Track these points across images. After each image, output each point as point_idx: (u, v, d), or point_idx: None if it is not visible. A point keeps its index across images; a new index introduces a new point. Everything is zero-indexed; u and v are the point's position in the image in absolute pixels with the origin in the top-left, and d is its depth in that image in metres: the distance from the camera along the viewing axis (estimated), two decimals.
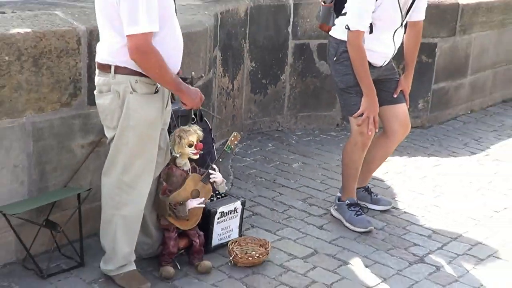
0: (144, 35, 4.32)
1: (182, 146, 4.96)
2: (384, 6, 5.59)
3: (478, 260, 5.62)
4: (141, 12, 4.28)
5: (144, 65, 4.43)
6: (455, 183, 7.21)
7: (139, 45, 4.33)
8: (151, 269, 5.05)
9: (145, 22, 4.30)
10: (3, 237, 4.90)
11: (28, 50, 4.76)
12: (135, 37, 4.32)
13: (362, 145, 5.93)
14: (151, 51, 4.38)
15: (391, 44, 5.83)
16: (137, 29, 4.30)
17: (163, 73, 4.47)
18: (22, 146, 4.88)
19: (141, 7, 4.28)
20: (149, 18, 4.31)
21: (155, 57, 4.40)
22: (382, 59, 5.86)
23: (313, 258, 5.47)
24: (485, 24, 9.73)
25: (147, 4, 4.29)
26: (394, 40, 5.83)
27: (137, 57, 4.37)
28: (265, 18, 7.99)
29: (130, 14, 4.29)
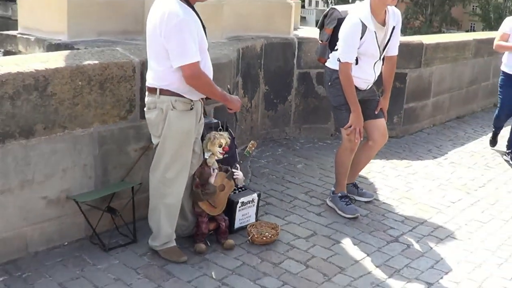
0: (195, 64, 4.33)
1: (213, 145, 4.92)
2: (366, 44, 5.55)
3: (439, 240, 5.54)
4: (189, 46, 4.29)
5: (198, 87, 4.46)
6: (422, 180, 7.09)
7: (193, 73, 4.36)
8: (188, 246, 4.96)
9: (194, 53, 4.31)
10: (75, 219, 4.85)
11: (96, 77, 4.74)
12: (189, 66, 4.32)
13: (350, 150, 5.86)
14: (202, 74, 4.41)
15: (372, 73, 5.77)
16: (189, 59, 4.31)
17: (213, 90, 4.54)
18: (90, 149, 4.84)
19: (189, 42, 4.28)
20: (195, 50, 4.30)
21: (205, 79, 4.45)
22: (365, 84, 5.79)
23: (313, 238, 5.38)
24: (443, 59, 9.62)
25: (192, 39, 4.28)
26: (374, 70, 5.77)
27: (192, 82, 4.39)
28: (276, 52, 7.88)
29: (181, 49, 4.30)
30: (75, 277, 4.41)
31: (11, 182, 4.40)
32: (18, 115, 4.32)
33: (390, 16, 5.67)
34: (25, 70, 4.34)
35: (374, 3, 5.54)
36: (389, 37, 5.72)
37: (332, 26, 5.90)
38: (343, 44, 5.57)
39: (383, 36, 5.66)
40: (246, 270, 4.72)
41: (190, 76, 4.36)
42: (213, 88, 4.55)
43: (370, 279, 4.74)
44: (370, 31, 5.52)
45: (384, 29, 5.65)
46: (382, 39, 5.67)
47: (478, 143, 9.03)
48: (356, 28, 5.49)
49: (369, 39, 5.55)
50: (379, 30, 5.60)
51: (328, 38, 5.96)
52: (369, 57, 5.68)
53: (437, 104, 9.79)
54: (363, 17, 5.51)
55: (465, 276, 4.89)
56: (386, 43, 5.73)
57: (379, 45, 5.64)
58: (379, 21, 5.60)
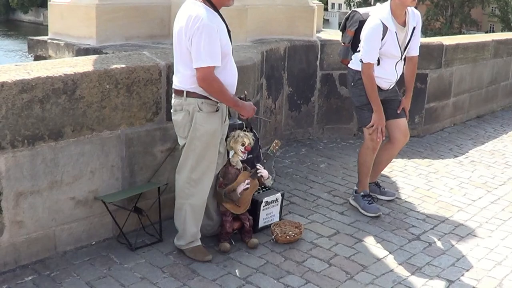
0: (207, 68, 4.29)
1: (236, 142, 4.85)
2: (388, 44, 5.51)
3: (460, 237, 5.44)
4: (206, 50, 4.25)
5: (209, 90, 4.40)
6: (443, 179, 6.97)
7: (205, 76, 4.32)
8: (213, 245, 4.91)
9: (207, 58, 4.27)
10: (103, 219, 4.83)
11: (123, 80, 4.71)
12: (201, 70, 4.30)
13: (372, 149, 5.78)
14: (214, 79, 4.34)
15: (394, 73, 5.70)
16: (204, 63, 4.28)
17: (223, 95, 4.45)
18: (118, 151, 4.81)
19: (207, 46, 4.25)
20: (211, 55, 4.28)
21: (216, 84, 4.37)
22: (387, 84, 5.72)
23: (336, 237, 5.30)
24: (463, 59, 9.49)
25: (209, 45, 4.24)
26: (396, 70, 5.71)
27: (203, 84, 4.34)
28: (299, 54, 7.81)
29: (199, 52, 4.27)
30: (102, 276, 4.38)
31: (41, 183, 4.37)
32: (48, 118, 4.29)
33: (410, 17, 5.61)
34: (54, 74, 4.31)
35: (395, 4, 5.48)
36: (410, 38, 5.66)
37: (354, 28, 5.85)
38: (365, 45, 5.51)
39: (403, 36, 5.60)
40: (270, 269, 4.65)
41: (201, 79, 4.34)
42: (224, 94, 4.47)
43: (392, 277, 4.66)
44: (391, 32, 5.46)
45: (404, 29, 5.58)
46: (403, 40, 5.61)
47: (498, 141, 8.88)
48: (378, 29, 5.44)
49: (390, 39, 5.50)
50: (399, 31, 5.53)
51: (351, 40, 5.91)
52: (390, 58, 5.62)
53: (457, 103, 9.66)
54: (384, 18, 5.45)
55: (485, 274, 4.79)
56: (407, 44, 5.67)
57: (400, 45, 5.58)
58: (400, 22, 5.54)
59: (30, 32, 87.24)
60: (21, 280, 4.24)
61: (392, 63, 5.66)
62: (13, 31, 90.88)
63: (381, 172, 6.38)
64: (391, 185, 6.63)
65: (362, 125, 5.84)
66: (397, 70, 5.73)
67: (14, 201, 4.26)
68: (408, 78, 5.97)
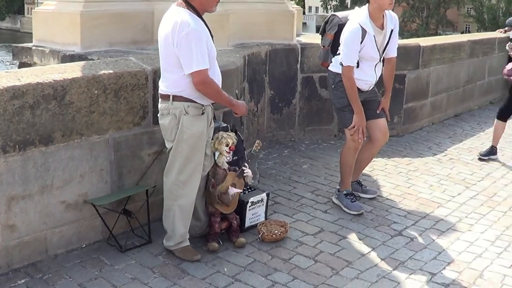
0: (205, 70, 4.42)
1: (221, 143, 4.93)
2: (366, 47, 5.63)
3: (441, 232, 5.58)
4: (198, 54, 4.37)
5: (206, 93, 4.53)
6: (423, 177, 7.12)
7: (202, 79, 4.44)
8: (201, 245, 5.00)
9: (203, 61, 4.40)
10: (93, 222, 4.89)
11: (111, 85, 4.79)
12: (198, 73, 4.41)
13: (354, 149, 5.90)
14: (211, 81, 4.50)
15: (373, 74, 5.83)
16: (199, 66, 4.38)
17: (220, 95, 4.62)
18: (106, 155, 4.88)
19: (198, 50, 4.36)
20: (203, 58, 4.38)
21: (213, 85, 4.53)
22: (367, 85, 5.85)
23: (320, 234, 5.41)
24: (440, 60, 9.69)
25: (200, 49, 4.35)
26: (375, 71, 5.84)
27: (201, 87, 4.47)
28: (280, 58, 7.92)
29: (191, 57, 4.37)
30: (93, 278, 4.45)
31: (32, 187, 4.44)
32: (38, 124, 4.37)
33: (388, 20, 5.74)
34: (44, 80, 4.39)
35: (373, 8, 5.61)
36: (388, 40, 5.78)
37: (333, 32, 5.96)
38: (345, 48, 5.63)
39: (382, 39, 5.72)
40: (258, 267, 4.75)
41: (199, 82, 4.43)
42: (221, 94, 4.62)
43: (376, 271, 4.78)
44: (369, 35, 5.59)
45: (382, 32, 5.71)
46: (381, 42, 5.73)
47: (476, 139, 9.07)
48: (356, 33, 5.56)
49: (369, 42, 5.62)
50: (378, 34, 5.66)
51: (330, 43, 6.02)
52: (369, 60, 5.74)
53: (435, 103, 9.83)
54: (362, 22, 5.57)
55: (466, 266, 4.93)
56: (385, 46, 5.79)
57: (379, 48, 5.71)
58: (378, 25, 5.67)
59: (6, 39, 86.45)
60: (14, 284, 4.30)
61: (371, 65, 5.79)
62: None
63: (363, 171, 6.50)
64: (373, 184, 6.75)
65: (343, 126, 5.95)
66: (376, 72, 5.86)
67: (6, 206, 4.33)
68: (387, 79, 6.10)
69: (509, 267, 4.95)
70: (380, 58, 5.82)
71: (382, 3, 5.56)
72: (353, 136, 5.79)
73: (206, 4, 4.56)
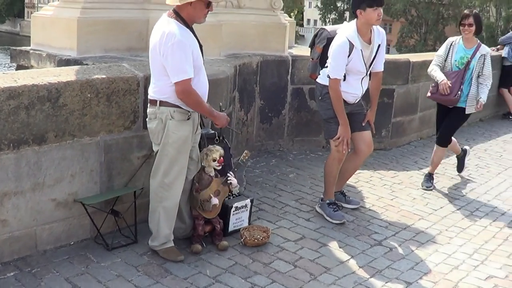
0: (185, 81, 4.63)
1: (208, 161, 5.16)
2: (354, 61, 5.83)
3: (420, 244, 5.78)
4: (182, 65, 4.59)
5: (187, 102, 4.74)
6: (406, 189, 7.33)
7: (183, 89, 4.66)
8: (185, 246, 5.20)
9: (186, 71, 4.61)
10: (81, 220, 5.10)
11: (104, 90, 5.02)
12: (181, 83, 4.63)
13: (338, 160, 6.10)
14: (191, 91, 4.70)
15: (359, 87, 6.04)
16: (181, 77, 4.61)
17: (201, 105, 4.82)
18: (97, 156, 5.10)
19: (182, 61, 4.59)
20: (188, 68, 4.60)
21: (194, 95, 4.73)
22: (353, 98, 6.05)
23: (302, 241, 5.61)
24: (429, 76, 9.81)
25: (185, 58, 4.56)
26: (362, 85, 6.05)
27: (182, 96, 4.68)
28: (271, 69, 8.12)
29: (175, 67, 4.60)
30: (80, 273, 4.66)
31: (24, 184, 4.66)
32: (32, 124, 4.59)
33: (375, 34, 5.95)
34: (40, 82, 4.62)
35: (361, 23, 5.83)
36: (375, 55, 5.99)
37: (322, 45, 6.17)
38: (332, 61, 5.84)
39: (369, 53, 5.94)
40: (238, 269, 4.95)
41: (180, 92, 4.67)
42: (201, 104, 4.83)
43: (354, 278, 4.98)
44: (357, 49, 5.80)
45: (370, 47, 5.92)
46: (368, 57, 5.94)
47: None
48: (344, 47, 5.77)
49: (356, 57, 5.83)
50: (365, 48, 5.88)
51: (319, 56, 6.22)
52: (356, 74, 5.95)
53: (424, 118, 10.02)
54: (350, 36, 5.79)
55: (442, 277, 5.13)
56: (371, 60, 6.00)
57: (365, 62, 5.92)
58: (365, 40, 5.88)
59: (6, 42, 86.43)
60: (4, 276, 4.51)
61: (358, 78, 6.00)
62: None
63: (347, 182, 6.70)
64: (357, 195, 6.96)
65: (329, 137, 6.15)
66: (363, 85, 6.07)
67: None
68: (373, 92, 6.30)
69: (485, 279, 5.16)
70: (367, 72, 6.02)
71: (370, 18, 5.77)
72: (337, 147, 5.99)
73: (194, 16, 4.79)
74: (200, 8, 4.76)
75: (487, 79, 7.21)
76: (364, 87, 6.11)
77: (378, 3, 5.74)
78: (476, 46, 7.16)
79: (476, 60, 7.10)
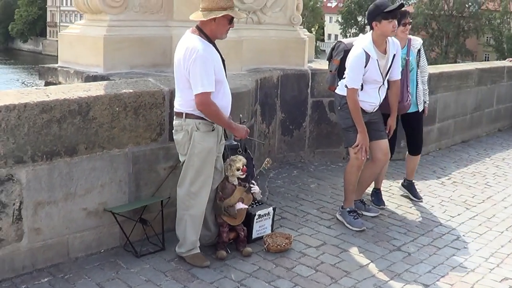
0: (204, 93, 4.84)
1: (232, 170, 5.35)
2: (370, 71, 6.03)
3: (438, 249, 5.92)
4: (203, 78, 4.82)
5: (206, 113, 4.94)
6: (425, 198, 7.45)
7: (202, 101, 4.87)
8: (210, 253, 5.38)
9: (205, 85, 4.82)
10: (111, 228, 5.31)
11: (131, 103, 5.24)
12: (199, 96, 4.84)
13: (357, 168, 6.28)
14: (210, 103, 4.89)
15: (377, 96, 6.21)
16: (201, 89, 4.83)
17: (219, 117, 4.99)
18: (125, 167, 5.31)
19: (203, 75, 4.81)
20: (208, 82, 4.82)
21: (213, 107, 4.92)
22: (371, 107, 6.23)
23: (323, 247, 5.77)
24: (447, 87, 10.07)
25: (206, 72, 4.79)
26: (379, 94, 6.22)
27: (201, 108, 4.89)
28: (291, 82, 8.30)
29: (196, 80, 4.82)
30: (111, 278, 4.86)
31: (57, 194, 4.88)
32: (64, 136, 4.82)
33: (390, 45, 6.15)
34: (71, 97, 4.85)
35: (376, 35, 6.04)
36: (390, 64, 6.19)
37: (339, 58, 6.36)
38: (350, 72, 6.04)
39: (385, 63, 6.13)
40: (262, 274, 5.13)
41: (199, 103, 4.89)
42: (219, 116, 5.02)
43: (373, 281, 5.14)
44: (373, 60, 6.00)
45: (385, 57, 6.12)
46: (384, 66, 6.13)
47: (480, 164, 9.40)
48: (361, 57, 5.97)
49: (372, 67, 6.02)
50: (380, 58, 6.07)
51: (337, 68, 6.42)
52: (373, 83, 6.13)
53: (442, 129, 10.17)
54: (366, 47, 5.99)
55: (459, 279, 5.27)
56: (387, 70, 6.18)
57: (382, 71, 6.10)
58: (381, 50, 6.08)
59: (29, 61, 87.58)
60: (38, 282, 4.73)
61: (375, 88, 6.17)
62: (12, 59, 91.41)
63: (366, 190, 6.86)
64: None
65: (348, 145, 6.32)
66: (380, 95, 6.24)
67: (33, 210, 4.77)
68: (392, 100, 6.49)
69: (500, 281, 5.29)
70: (383, 81, 6.20)
71: (385, 29, 5.97)
72: (356, 154, 6.17)
73: (216, 32, 5.03)
74: (223, 24, 4.99)
75: (425, 72, 7.19)
76: (382, 96, 6.27)
77: (393, 16, 5.94)
78: (407, 43, 6.92)
79: (414, 57, 6.96)
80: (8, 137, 4.53)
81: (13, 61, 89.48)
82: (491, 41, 72.25)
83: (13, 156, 4.58)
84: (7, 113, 4.50)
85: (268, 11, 8.16)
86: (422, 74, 7.13)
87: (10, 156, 4.57)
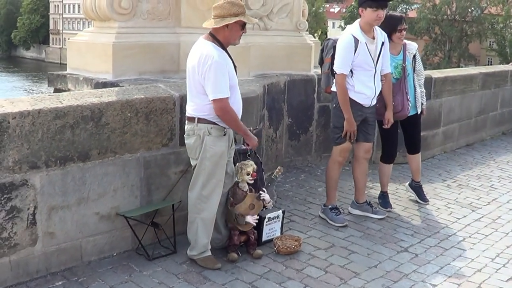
0: (224, 99, 4.94)
1: (242, 175, 5.43)
2: (361, 56, 6.13)
3: (445, 250, 6.00)
4: (220, 84, 4.92)
5: (224, 119, 5.04)
6: (431, 200, 7.51)
7: (221, 106, 4.97)
8: (221, 255, 5.46)
9: (224, 90, 4.93)
10: (123, 232, 5.39)
11: (142, 109, 5.32)
12: (219, 101, 4.95)
13: (338, 164, 6.52)
14: (230, 109, 5.01)
15: (372, 86, 6.28)
16: (220, 95, 4.93)
17: (237, 123, 5.12)
18: (137, 172, 5.39)
19: (220, 80, 4.92)
20: (226, 87, 4.92)
21: (231, 113, 5.04)
22: (367, 99, 6.30)
23: (331, 249, 5.86)
24: (451, 91, 10.14)
25: (222, 79, 4.90)
26: (374, 83, 6.29)
27: (220, 113, 4.99)
28: (298, 88, 8.36)
29: (214, 86, 4.91)
30: (124, 281, 4.95)
31: (70, 199, 4.96)
32: (77, 142, 4.90)
33: (378, 33, 6.28)
34: (83, 103, 4.94)
35: (363, 22, 6.19)
36: (379, 52, 6.27)
37: (330, 55, 6.52)
38: (338, 57, 6.17)
39: (374, 48, 6.23)
40: (273, 275, 5.21)
41: (219, 109, 4.98)
42: (237, 122, 5.15)
43: (381, 281, 5.22)
44: (361, 44, 6.12)
45: (374, 42, 6.23)
46: (374, 51, 6.22)
47: (485, 167, 9.47)
48: (349, 42, 6.11)
49: (362, 51, 6.13)
50: (369, 43, 6.18)
51: (329, 66, 6.54)
52: (366, 69, 6.21)
53: (447, 132, 10.24)
54: (355, 33, 6.15)
55: (466, 279, 5.36)
56: (378, 56, 6.26)
57: (372, 56, 6.19)
58: (369, 36, 6.21)
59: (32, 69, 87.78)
60: (52, 285, 4.81)
61: (369, 75, 6.24)
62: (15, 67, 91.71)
63: (365, 190, 6.97)
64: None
65: (334, 143, 6.50)
66: (376, 84, 6.30)
67: (47, 215, 4.85)
68: (386, 93, 6.56)
69: (506, 280, 5.38)
70: (375, 67, 6.25)
71: (369, 17, 6.09)
72: (337, 154, 6.42)
73: (229, 38, 5.13)
74: (236, 30, 5.10)
75: (421, 76, 7.29)
76: (377, 86, 6.33)
77: (378, 6, 6.04)
78: (402, 49, 6.95)
79: (409, 63, 7.02)
80: (23, 143, 4.61)
81: (16, 69, 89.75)
82: (494, 46, 72.28)
83: (27, 161, 4.66)
84: (22, 119, 4.58)
85: (274, 17, 8.23)
86: (418, 78, 7.20)
87: (25, 161, 4.65)
